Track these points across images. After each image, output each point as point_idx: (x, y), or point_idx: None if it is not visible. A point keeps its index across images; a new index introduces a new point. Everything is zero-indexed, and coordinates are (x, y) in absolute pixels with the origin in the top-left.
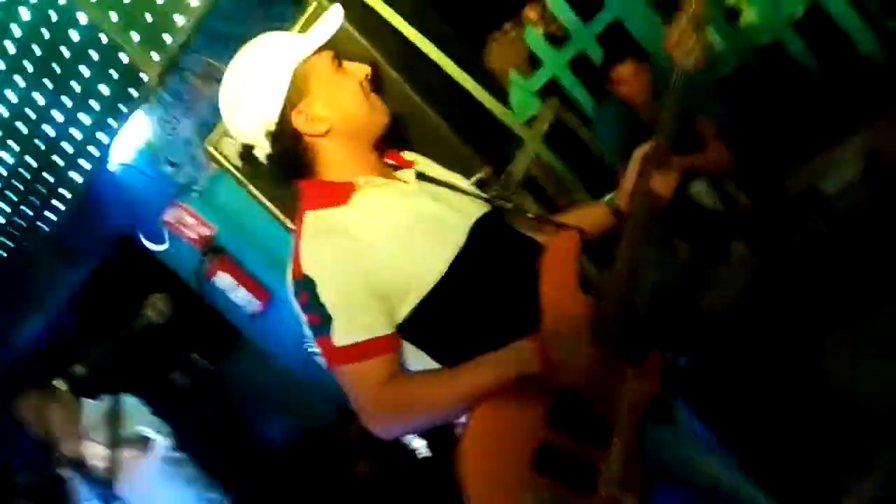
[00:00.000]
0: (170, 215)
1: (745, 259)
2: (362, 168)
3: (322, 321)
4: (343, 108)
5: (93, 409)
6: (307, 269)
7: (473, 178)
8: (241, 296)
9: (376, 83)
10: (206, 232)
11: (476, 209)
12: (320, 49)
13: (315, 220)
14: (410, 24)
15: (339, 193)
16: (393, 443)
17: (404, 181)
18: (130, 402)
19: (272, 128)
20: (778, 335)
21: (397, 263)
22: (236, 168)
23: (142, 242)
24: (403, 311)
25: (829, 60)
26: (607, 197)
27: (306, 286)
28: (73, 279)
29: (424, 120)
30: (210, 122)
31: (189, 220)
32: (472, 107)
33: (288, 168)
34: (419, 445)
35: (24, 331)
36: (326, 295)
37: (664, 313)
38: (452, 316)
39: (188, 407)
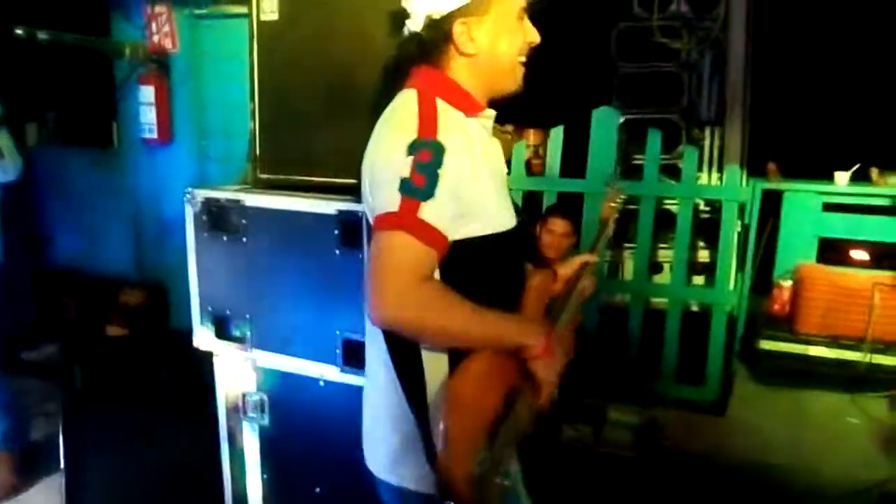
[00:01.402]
0: (156, 6)
1: None
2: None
3: (424, 186)
4: (497, 50)
5: None
6: (442, 138)
7: None
8: (149, 118)
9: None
10: (167, 45)
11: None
12: None
13: (448, 111)
14: None
15: (470, 106)
16: None
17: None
18: None
19: (435, 17)
20: None
21: (486, 197)
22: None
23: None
24: (459, 234)
25: None
26: None
27: (435, 150)
28: None
29: None
30: None
31: (164, 24)
32: None
33: (419, 53)
34: None
35: None
36: (446, 171)
37: None
38: (478, 268)
39: None
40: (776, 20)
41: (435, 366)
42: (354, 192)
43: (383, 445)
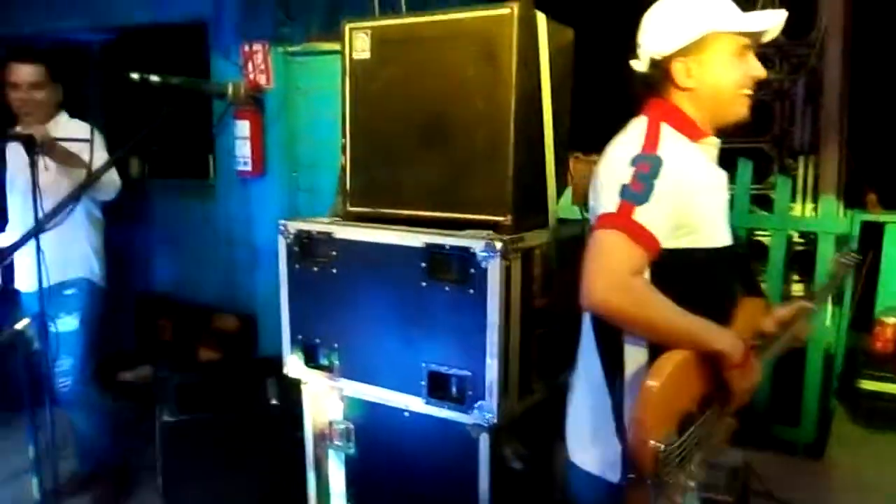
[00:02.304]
0: (253, 45)
1: None
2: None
3: (641, 193)
4: (713, 83)
5: None
6: (662, 154)
7: None
8: (244, 152)
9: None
10: (262, 81)
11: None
12: (743, 34)
13: (672, 134)
14: None
15: (694, 133)
16: None
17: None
18: None
19: (657, 58)
20: None
21: (703, 213)
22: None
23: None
24: (673, 243)
25: None
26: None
27: (654, 163)
28: None
29: None
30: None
31: (260, 62)
32: None
33: (642, 87)
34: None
35: None
36: (662, 181)
37: None
38: (689, 277)
39: None
40: (874, 45)
41: (635, 357)
42: (441, 226)
43: (579, 430)
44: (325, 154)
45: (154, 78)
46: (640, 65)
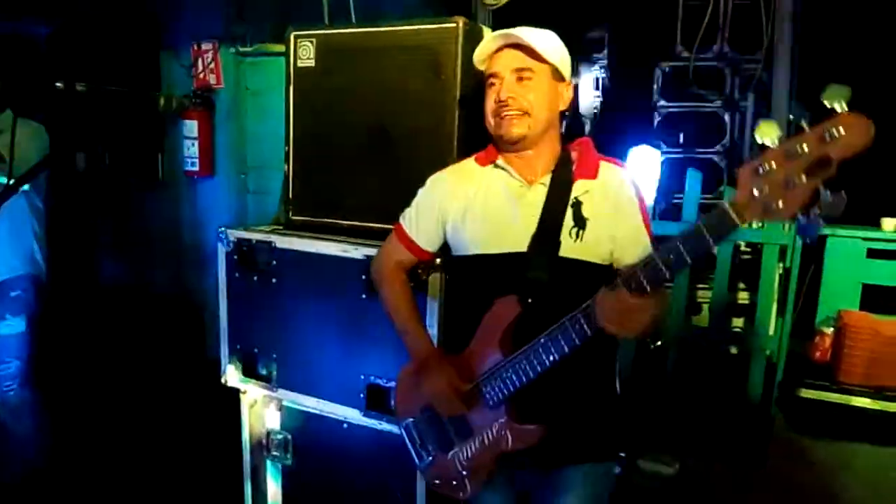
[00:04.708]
0: (203, 44)
1: None
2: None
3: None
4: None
5: None
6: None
7: None
8: (192, 152)
9: None
10: (212, 81)
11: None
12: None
13: (463, 163)
14: None
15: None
16: None
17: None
18: None
19: None
20: None
21: (475, 229)
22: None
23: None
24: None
25: None
26: None
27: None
28: None
29: None
30: None
31: (210, 61)
32: None
33: None
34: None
35: None
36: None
37: None
38: (458, 282)
39: None
40: (822, 60)
41: None
42: (384, 237)
43: None
44: (274, 156)
45: (80, 87)
46: None
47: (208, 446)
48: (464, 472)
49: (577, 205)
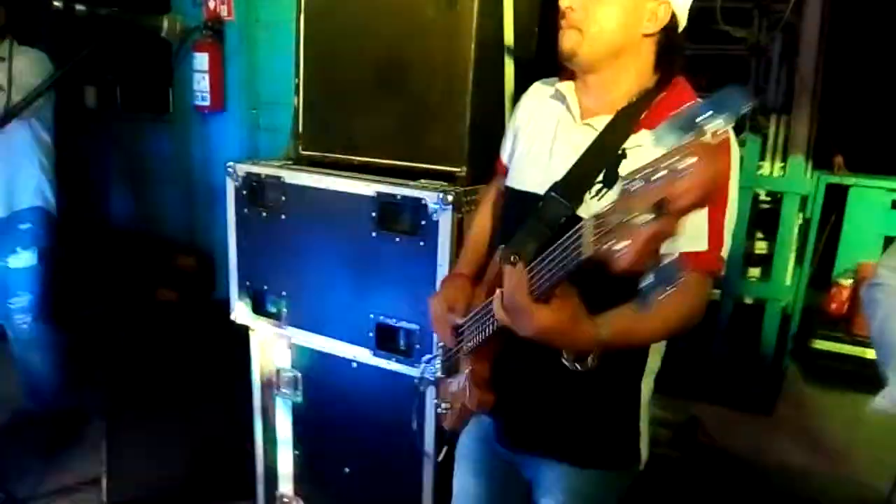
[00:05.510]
0: None
1: None
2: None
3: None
4: None
5: None
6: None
7: None
8: (202, 86)
9: None
10: (222, 12)
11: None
12: None
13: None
14: None
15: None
16: None
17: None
18: None
19: None
20: None
21: (515, 158)
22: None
23: None
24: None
25: None
26: None
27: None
28: None
29: None
30: None
31: None
32: None
33: None
34: None
35: None
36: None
37: None
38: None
39: None
40: (854, 5)
41: None
42: (395, 174)
43: None
44: (287, 92)
45: (80, 7)
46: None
47: (219, 384)
48: (446, 404)
49: (618, 159)
